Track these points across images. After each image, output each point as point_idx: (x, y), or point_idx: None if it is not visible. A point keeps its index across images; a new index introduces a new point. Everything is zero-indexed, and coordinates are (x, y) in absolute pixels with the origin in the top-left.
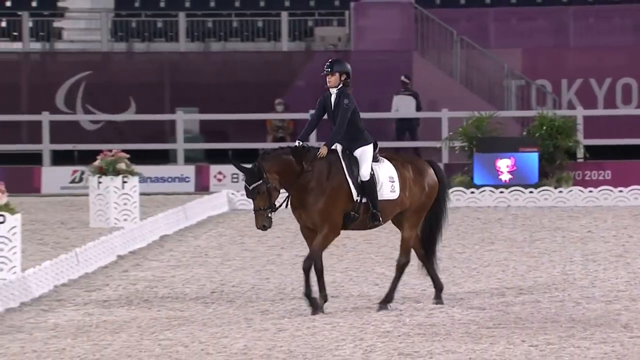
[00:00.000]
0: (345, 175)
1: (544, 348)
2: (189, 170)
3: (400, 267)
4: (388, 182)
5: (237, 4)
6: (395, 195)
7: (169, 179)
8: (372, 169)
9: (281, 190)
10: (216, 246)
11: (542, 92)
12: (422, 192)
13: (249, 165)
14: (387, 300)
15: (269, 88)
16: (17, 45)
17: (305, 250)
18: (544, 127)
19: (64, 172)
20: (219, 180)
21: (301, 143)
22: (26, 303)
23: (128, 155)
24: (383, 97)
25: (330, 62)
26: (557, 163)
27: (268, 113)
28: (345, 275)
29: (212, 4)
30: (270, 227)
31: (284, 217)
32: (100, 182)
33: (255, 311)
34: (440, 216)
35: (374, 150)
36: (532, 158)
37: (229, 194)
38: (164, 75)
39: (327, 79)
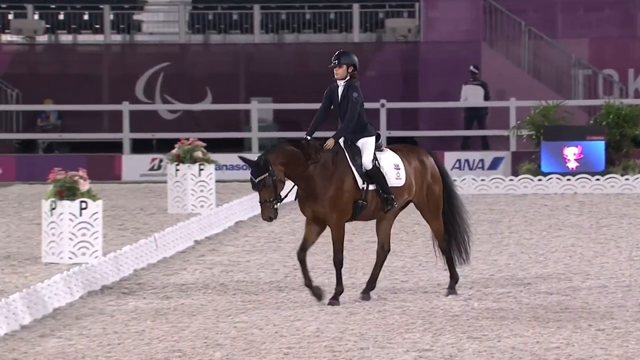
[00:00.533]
0: (348, 163)
1: (611, 332)
2: None
3: (446, 250)
4: (393, 170)
5: None
6: (401, 182)
7: (244, 167)
8: (375, 158)
9: (286, 182)
10: (289, 232)
11: (609, 82)
12: (430, 179)
13: (254, 158)
14: (454, 282)
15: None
16: (98, 38)
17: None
18: (611, 116)
19: (143, 160)
20: None
21: (308, 138)
22: (107, 286)
23: (204, 144)
24: (452, 86)
25: (337, 54)
26: (623, 151)
27: None
28: (415, 261)
29: None
30: (275, 218)
31: None
32: (177, 170)
33: (327, 295)
34: (454, 208)
35: (377, 142)
36: (598, 146)
37: None
38: (239, 66)
39: (335, 71)
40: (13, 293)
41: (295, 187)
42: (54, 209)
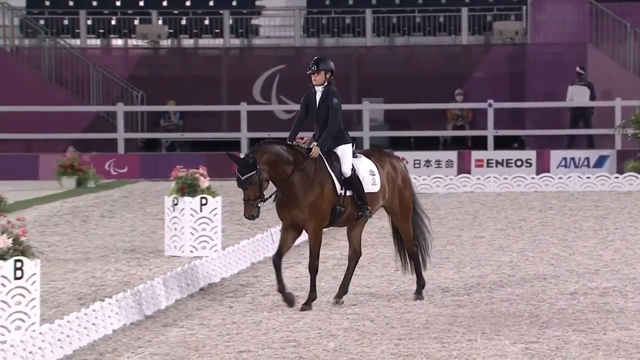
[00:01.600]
0: (328, 170)
1: None
2: None
3: (414, 254)
4: (369, 176)
5: (420, 0)
6: (376, 188)
7: None
8: (352, 165)
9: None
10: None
11: None
12: (401, 183)
13: (241, 156)
14: (421, 287)
15: (449, 79)
16: (218, 42)
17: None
18: None
19: None
20: None
21: (290, 143)
22: (226, 278)
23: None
24: (558, 87)
25: (315, 60)
26: None
27: (448, 103)
28: (522, 256)
29: (397, 1)
30: (258, 216)
31: (463, 201)
32: None
33: (435, 288)
34: (417, 214)
35: (352, 148)
36: None
37: (411, 178)
38: (351, 68)
39: (313, 77)
40: (138, 285)
41: (275, 192)
42: (176, 204)
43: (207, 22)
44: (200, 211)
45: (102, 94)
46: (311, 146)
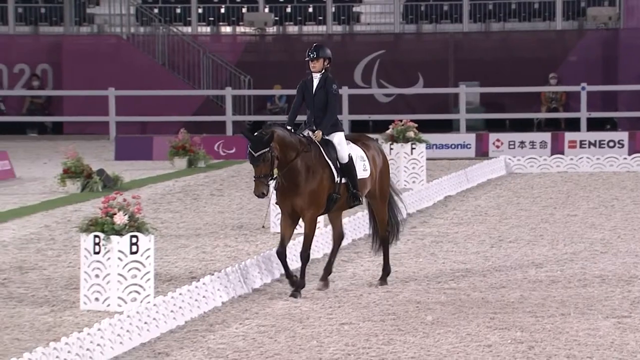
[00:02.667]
0: (325, 158)
1: None
2: (470, 138)
3: (386, 240)
4: (360, 162)
5: None
6: (367, 173)
7: (452, 146)
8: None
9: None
10: (494, 206)
11: None
12: (383, 168)
13: (255, 133)
14: (386, 274)
15: (543, 63)
16: (321, 28)
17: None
18: None
19: None
20: (497, 147)
21: (291, 129)
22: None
23: (416, 125)
24: None
25: (314, 47)
26: None
27: (542, 86)
28: (614, 233)
29: None
30: (267, 194)
31: (556, 180)
32: (392, 149)
33: (529, 264)
34: (391, 195)
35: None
36: None
37: (506, 159)
38: (448, 53)
39: (312, 64)
40: (246, 259)
41: (275, 178)
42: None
43: (310, 9)
44: None
45: (211, 79)
46: (306, 132)
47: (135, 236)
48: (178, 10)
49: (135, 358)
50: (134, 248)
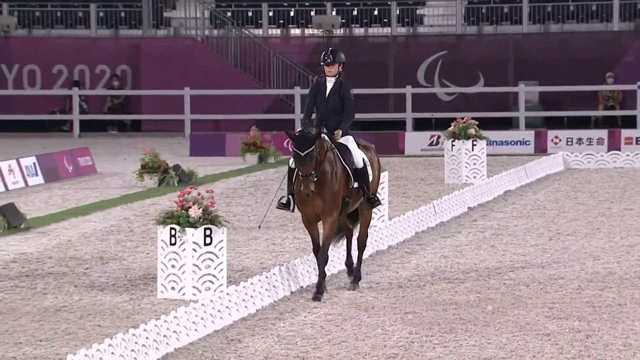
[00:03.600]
0: (342, 161)
1: None
2: (529, 135)
3: (363, 245)
4: (368, 166)
5: None
6: (371, 177)
7: (512, 142)
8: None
9: None
10: (552, 200)
11: None
12: (378, 172)
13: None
14: (358, 280)
15: (600, 63)
16: (386, 30)
17: None
18: None
19: (424, 137)
20: (556, 143)
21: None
22: (392, 246)
23: (477, 122)
24: None
25: (330, 52)
26: None
27: (599, 85)
28: None
29: None
30: (314, 192)
31: (613, 176)
32: (453, 145)
33: (587, 256)
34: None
35: None
36: None
37: (564, 155)
38: (508, 53)
39: (327, 69)
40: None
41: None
42: None
43: (375, 12)
44: None
45: (281, 79)
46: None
47: (209, 228)
48: (250, 14)
49: (209, 344)
50: (208, 240)
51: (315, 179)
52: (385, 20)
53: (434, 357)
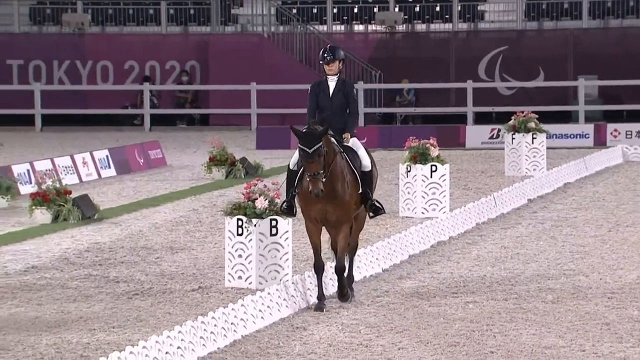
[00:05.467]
0: (351, 165)
1: None
2: (589, 128)
3: (355, 249)
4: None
5: None
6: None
7: (571, 136)
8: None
9: None
10: (612, 192)
11: None
12: (377, 173)
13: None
14: (351, 281)
15: None
16: (447, 26)
17: None
18: None
19: (484, 130)
20: (615, 136)
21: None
22: (454, 237)
23: (537, 116)
24: None
25: (329, 49)
26: None
27: None
28: None
29: None
30: (324, 191)
31: None
32: (513, 138)
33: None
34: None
35: None
36: None
37: (623, 148)
38: (568, 48)
39: (328, 67)
40: (376, 242)
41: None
42: (409, 171)
43: (437, 8)
44: (431, 177)
45: (344, 73)
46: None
47: (275, 219)
48: (315, 10)
49: (275, 332)
50: (274, 230)
51: (324, 179)
52: (447, 16)
53: (494, 345)
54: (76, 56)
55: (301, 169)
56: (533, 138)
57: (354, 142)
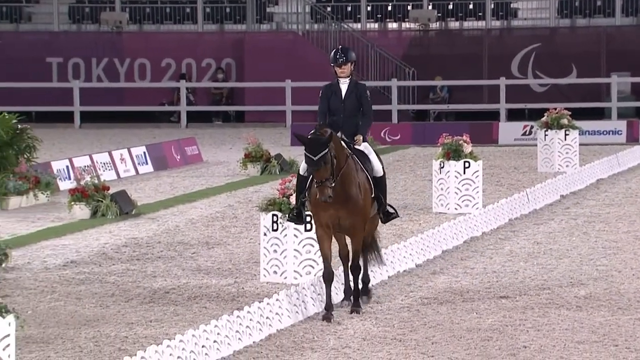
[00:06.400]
0: (363, 169)
1: None
2: (621, 125)
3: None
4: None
5: None
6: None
7: (604, 132)
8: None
9: None
10: None
11: None
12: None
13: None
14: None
15: None
16: (480, 23)
17: None
18: None
19: (517, 127)
20: None
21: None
22: (486, 233)
23: (570, 112)
24: None
25: (342, 51)
26: None
27: None
28: None
29: None
30: (333, 198)
31: None
32: (546, 135)
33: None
34: None
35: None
36: None
37: None
38: (600, 45)
39: (340, 70)
40: (409, 237)
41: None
42: (442, 167)
43: (471, 6)
44: (464, 173)
45: (378, 71)
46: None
47: (310, 215)
48: (349, 8)
49: (309, 326)
50: (309, 226)
51: (333, 184)
52: (480, 13)
53: (527, 340)
54: (114, 54)
55: (311, 175)
56: (566, 135)
57: (365, 147)
